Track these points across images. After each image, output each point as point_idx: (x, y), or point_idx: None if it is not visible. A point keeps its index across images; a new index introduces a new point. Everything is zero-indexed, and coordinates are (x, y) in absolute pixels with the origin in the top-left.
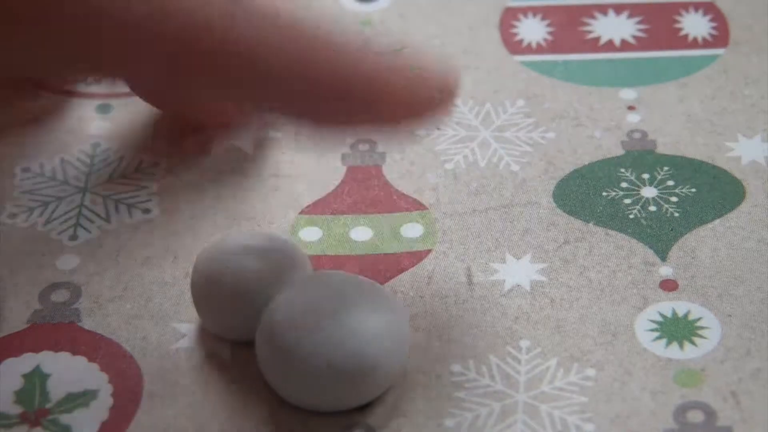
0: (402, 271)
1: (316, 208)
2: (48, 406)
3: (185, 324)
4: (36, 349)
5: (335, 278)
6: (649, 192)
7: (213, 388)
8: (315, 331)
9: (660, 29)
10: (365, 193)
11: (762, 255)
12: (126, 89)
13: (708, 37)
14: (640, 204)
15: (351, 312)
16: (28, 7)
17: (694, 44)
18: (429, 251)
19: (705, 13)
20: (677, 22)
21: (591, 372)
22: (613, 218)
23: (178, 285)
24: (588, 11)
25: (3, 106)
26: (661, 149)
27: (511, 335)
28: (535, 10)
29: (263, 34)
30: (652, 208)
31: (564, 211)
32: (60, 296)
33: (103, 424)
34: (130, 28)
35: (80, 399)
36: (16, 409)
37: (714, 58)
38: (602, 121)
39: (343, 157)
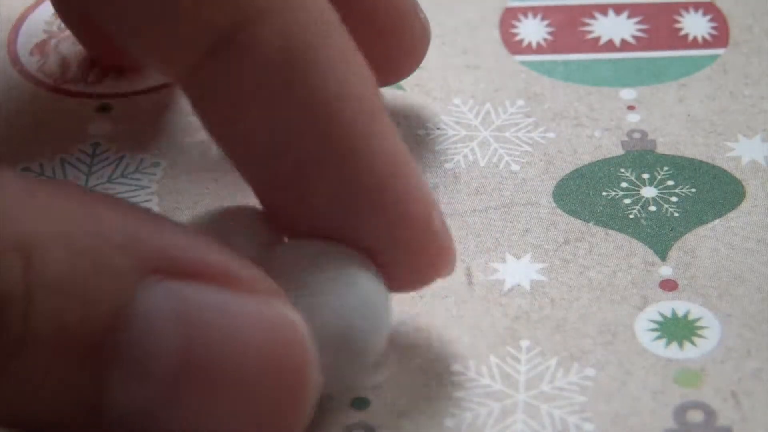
0: None
1: None
2: None
3: None
4: None
5: (308, 249)
6: (649, 192)
7: None
8: None
9: (660, 29)
10: None
11: (762, 255)
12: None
13: (708, 37)
14: (640, 204)
15: (325, 284)
16: None
17: (694, 44)
18: None
19: (705, 13)
20: (677, 22)
21: (591, 372)
22: (613, 218)
23: None
24: (588, 11)
25: None
26: (661, 149)
27: (511, 335)
28: (535, 10)
29: None
30: (652, 208)
31: (564, 211)
32: None
33: None
34: None
35: None
36: None
37: (714, 58)
38: (602, 120)
39: None
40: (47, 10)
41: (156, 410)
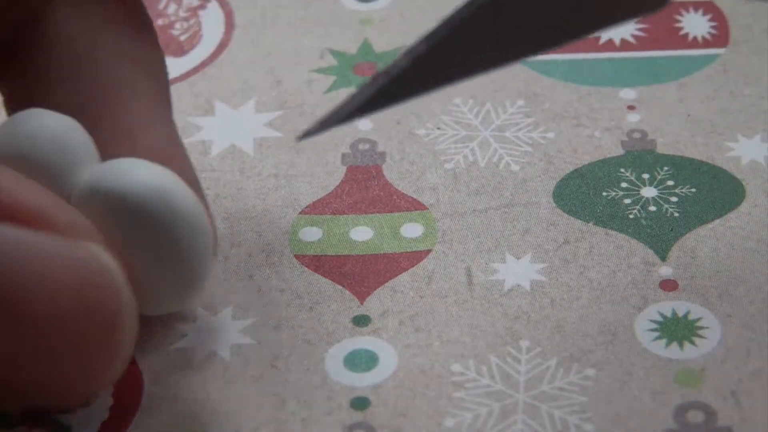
0: (402, 271)
1: (316, 208)
2: None
3: (185, 324)
4: None
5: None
6: (649, 192)
7: (213, 388)
8: None
9: (660, 29)
10: (365, 193)
11: (762, 255)
12: None
13: (708, 37)
14: (640, 204)
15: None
16: None
17: (694, 44)
18: (429, 251)
19: (705, 13)
20: (677, 21)
21: (591, 372)
22: (613, 218)
23: None
24: None
25: None
26: (661, 149)
27: (511, 335)
28: None
29: None
30: (652, 208)
31: (564, 211)
32: None
33: (104, 423)
34: None
35: None
36: (17, 410)
37: (714, 57)
38: (602, 120)
39: (343, 157)
40: None
41: None
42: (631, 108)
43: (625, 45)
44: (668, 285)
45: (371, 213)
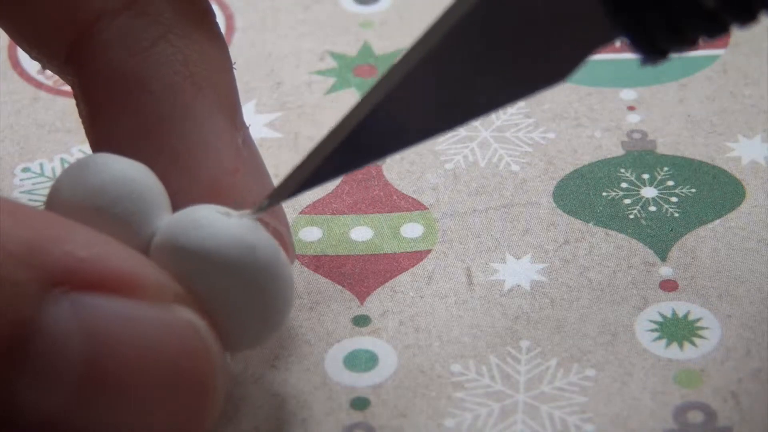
0: (402, 271)
1: (316, 208)
2: None
3: None
4: None
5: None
6: (649, 192)
7: None
8: None
9: None
10: (365, 193)
11: (762, 255)
12: None
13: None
14: (640, 204)
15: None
16: None
17: None
18: (429, 251)
19: None
20: None
21: (591, 372)
22: (613, 218)
23: None
24: None
25: None
26: (661, 149)
27: (511, 335)
28: None
29: None
30: (652, 209)
31: (564, 211)
32: None
33: None
34: None
35: None
36: None
37: (714, 58)
38: (602, 121)
39: None
40: None
41: (64, 417)
42: (631, 108)
43: (625, 45)
44: (668, 285)
45: (371, 213)
